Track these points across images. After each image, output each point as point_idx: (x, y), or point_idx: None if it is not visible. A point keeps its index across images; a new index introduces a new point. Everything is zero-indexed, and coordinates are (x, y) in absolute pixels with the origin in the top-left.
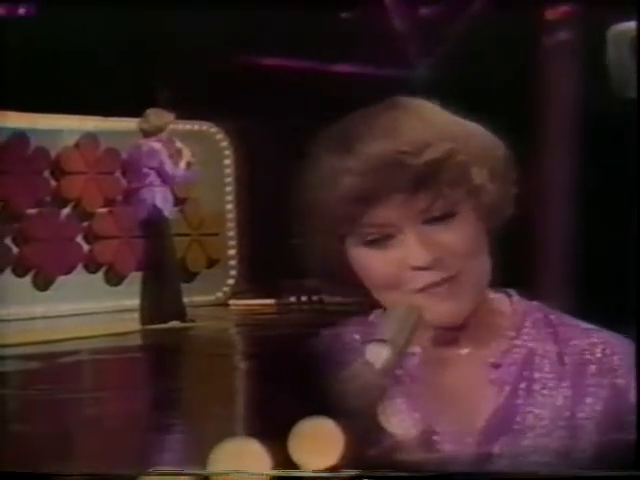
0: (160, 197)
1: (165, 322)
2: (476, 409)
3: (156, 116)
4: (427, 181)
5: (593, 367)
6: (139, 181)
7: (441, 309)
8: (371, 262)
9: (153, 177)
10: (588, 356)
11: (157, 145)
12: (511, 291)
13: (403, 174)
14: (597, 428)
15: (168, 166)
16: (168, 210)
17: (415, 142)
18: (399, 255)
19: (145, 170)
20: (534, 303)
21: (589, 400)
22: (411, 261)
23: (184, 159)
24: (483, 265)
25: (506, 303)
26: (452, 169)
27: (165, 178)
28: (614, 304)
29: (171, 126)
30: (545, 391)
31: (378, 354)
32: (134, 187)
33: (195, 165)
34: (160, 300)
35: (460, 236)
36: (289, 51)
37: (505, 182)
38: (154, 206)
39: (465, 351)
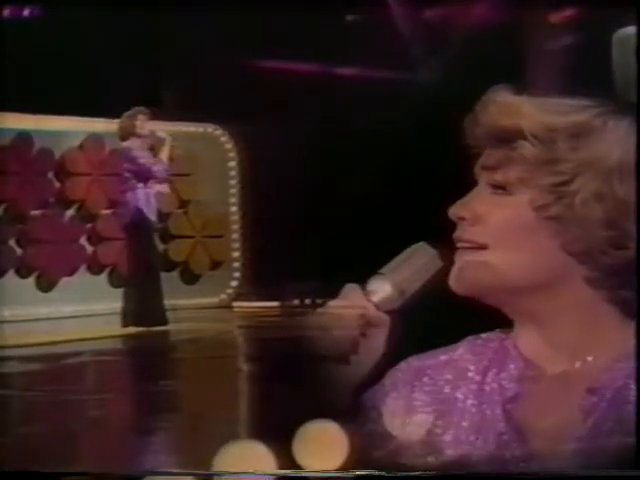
0: (143, 199)
1: (147, 327)
2: (555, 426)
3: (127, 118)
4: (502, 141)
5: None
6: (121, 185)
7: (456, 271)
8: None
9: (133, 179)
10: None
11: (130, 144)
12: None
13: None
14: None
15: (143, 160)
16: (153, 213)
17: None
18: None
19: (125, 174)
20: None
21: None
22: (455, 206)
23: (166, 147)
24: (516, 260)
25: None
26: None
27: (144, 174)
28: None
29: (139, 122)
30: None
31: (379, 287)
32: (120, 191)
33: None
34: (142, 304)
35: (503, 215)
36: (293, 54)
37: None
38: (138, 209)
39: (569, 365)
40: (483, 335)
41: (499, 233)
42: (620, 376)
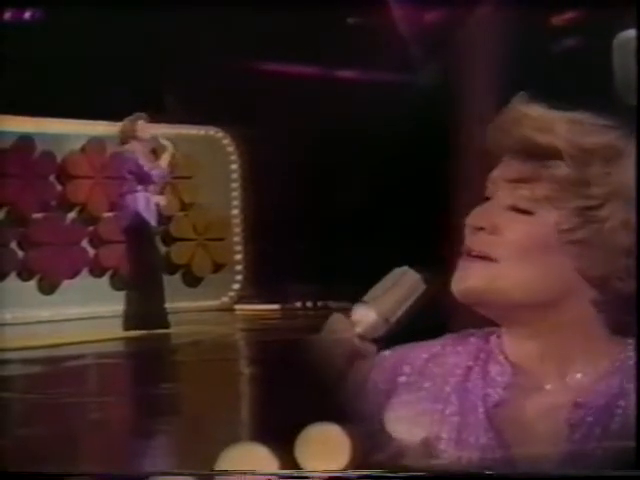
0: (143, 203)
1: (148, 329)
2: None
3: (128, 122)
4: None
5: None
6: (121, 188)
7: (462, 277)
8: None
9: (133, 182)
10: None
11: (132, 147)
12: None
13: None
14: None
15: (142, 163)
16: (152, 217)
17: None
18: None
19: (126, 176)
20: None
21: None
22: (472, 215)
23: (167, 155)
24: (525, 278)
25: (614, 341)
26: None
27: (143, 177)
28: None
29: (140, 126)
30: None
31: (363, 316)
32: (119, 194)
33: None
34: (144, 307)
35: (523, 231)
36: (295, 57)
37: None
38: (137, 213)
39: (554, 382)
40: (466, 332)
41: (515, 249)
42: (607, 392)
